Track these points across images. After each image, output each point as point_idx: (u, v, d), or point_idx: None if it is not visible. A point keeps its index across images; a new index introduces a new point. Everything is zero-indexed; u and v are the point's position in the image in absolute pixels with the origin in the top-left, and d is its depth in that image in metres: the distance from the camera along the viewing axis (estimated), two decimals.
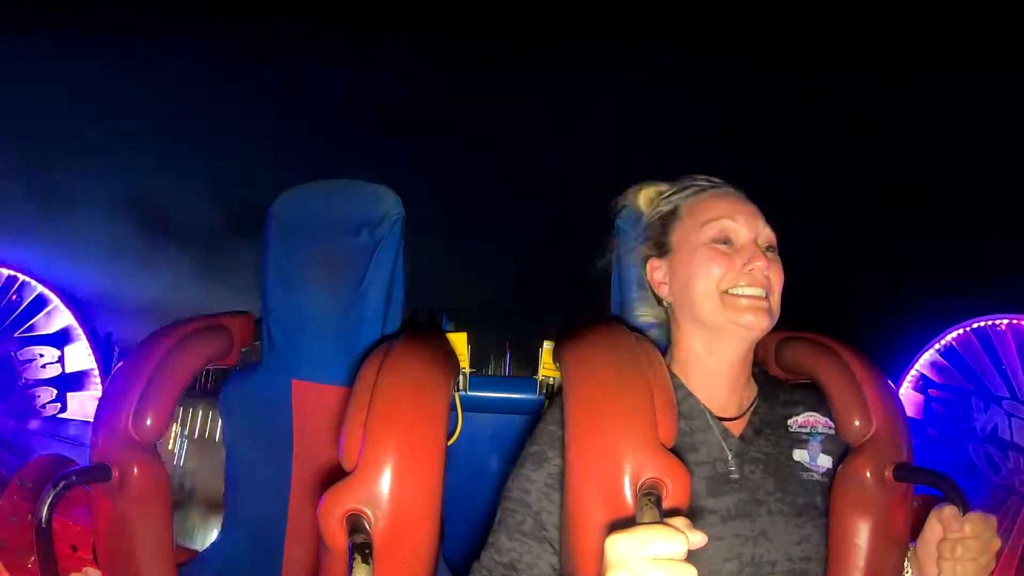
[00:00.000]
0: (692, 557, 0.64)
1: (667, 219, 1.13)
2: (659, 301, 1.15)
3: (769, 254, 1.05)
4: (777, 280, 1.04)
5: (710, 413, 1.05)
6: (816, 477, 1.05)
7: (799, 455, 1.06)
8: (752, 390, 1.10)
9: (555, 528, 0.98)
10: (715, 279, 1.03)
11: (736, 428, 1.06)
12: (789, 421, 1.09)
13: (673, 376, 1.08)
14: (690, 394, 1.07)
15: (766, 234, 1.07)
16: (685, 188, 1.14)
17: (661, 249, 1.13)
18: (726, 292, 1.03)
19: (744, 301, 1.02)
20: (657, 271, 1.13)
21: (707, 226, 1.06)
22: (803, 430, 1.08)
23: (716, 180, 1.14)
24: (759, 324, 1.02)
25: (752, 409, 1.08)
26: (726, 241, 1.05)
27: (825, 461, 1.06)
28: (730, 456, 1.03)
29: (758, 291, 1.02)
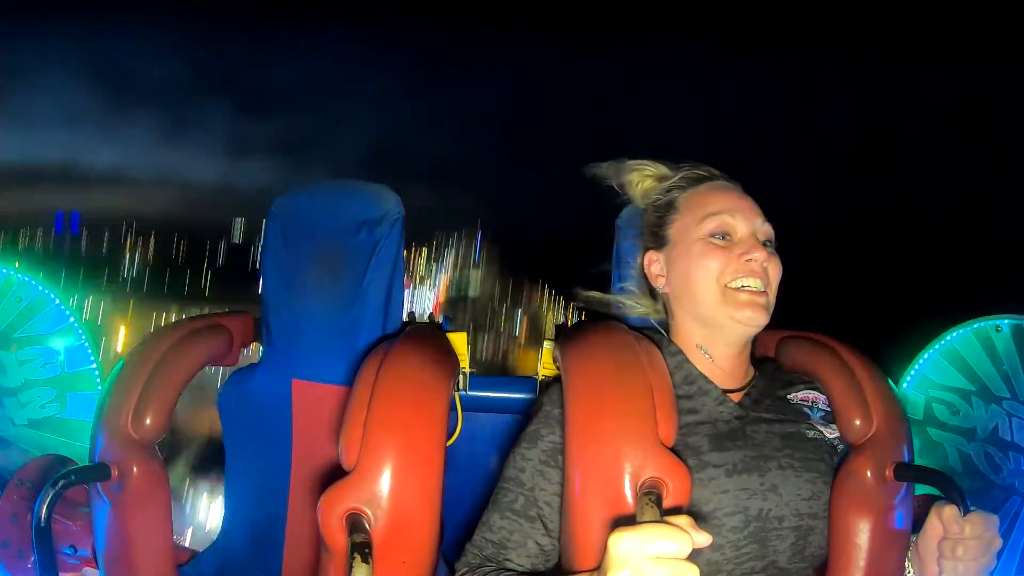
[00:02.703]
0: (696, 513, 0.64)
1: (664, 211, 1.13)
2: (653, 294, 1.15)
3: (767, 248, 1.06)
4: (775, 274, 1.05)
5: (708, 379, 1.06)
6: (824, 438, 1.06)
7: (806, 422, 1.07)
8: (751, 373, 1.12)
9: (548, 505, 0.98)
10: (714, 272, 1.04)
11: (735, 398, 1.07)
12: (789, 396, 1.10)
13: (670, 343, 1.10)
14: (688, 360, 1.07)
15: (764, 229, 1.07)
16: (683, 179, 1.14)
17: (658, 241, 1.13)
18: (726, 286, 1.03)
19: (743, 296, 1.02)
20: (654, 264, 1.13)
21: (706, 220, 1.06)
22: (804, 404, 1.09)
23: (714, 172, 1.14)
24: (756, 320, 1.02)
25: (751, 384, 1.10)
26: (724, 235, 1.05)
27: (831, 431, 1.07)
28: (731, 418, 1.03)
29: (757, 283, 1.03)
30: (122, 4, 42.32)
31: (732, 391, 1.07)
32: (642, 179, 1.18)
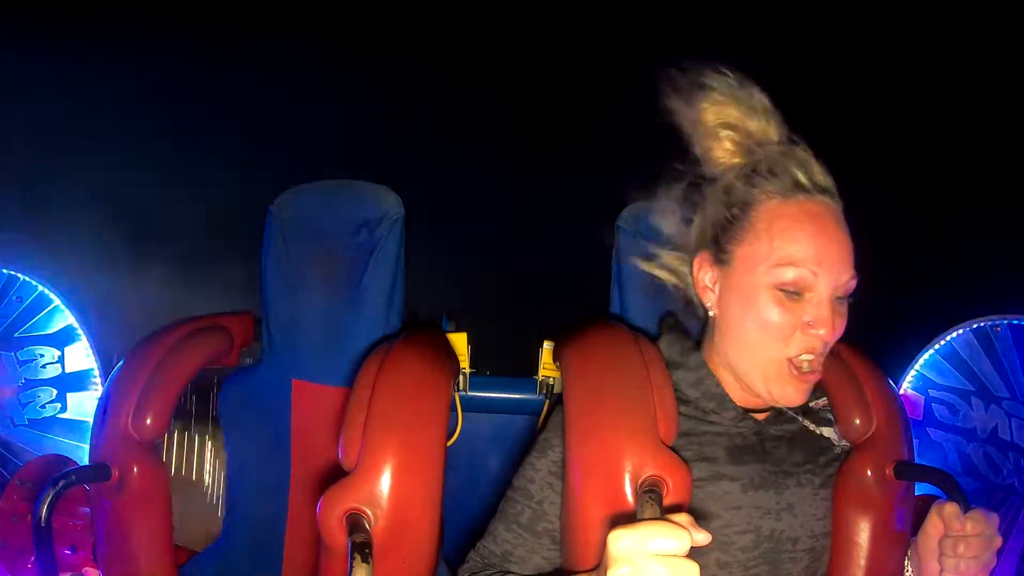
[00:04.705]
0: (703, 526, 0.64)
1: (737, 216, 0.93)
2: (699, 301, 1.01)
3: (840, 306, 0.90)
4: (837, 335, 0.91)
5: (730, 399, 0.99)
6: (847, 450, 1.03)
7: (827, 432, 1.02)
8: None
9: (557, 518, 0.96)
10: (770, 339, 0.90)
11: (758, 415, 1.01)
12: (810, 404, 1.04)
13: (694, 353, 1.01)
14: (711, 373, 0.99)
15: (846, 286, 0.89)
16: (775, 180, 0.91)
17: (717, 251, 0.95)
18: (776, 356, 0.90)
19: (791, 377, 0.90)
20: (706, 274, 0.97)
21: (781, 269, 0.88)
22: (827, 409, 1.05)
23: (818, 179, 0.91)
24: (795, 401, 0.92)
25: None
26: (797, 292, 0.88)
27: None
28: (750, 432, 0.98)
29: (811, 357, 0.90)
30: None
31: (756, 411, 1.00)
32: (720, 127, 0.94)
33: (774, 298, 0.89)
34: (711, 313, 0.99)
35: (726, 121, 0.95)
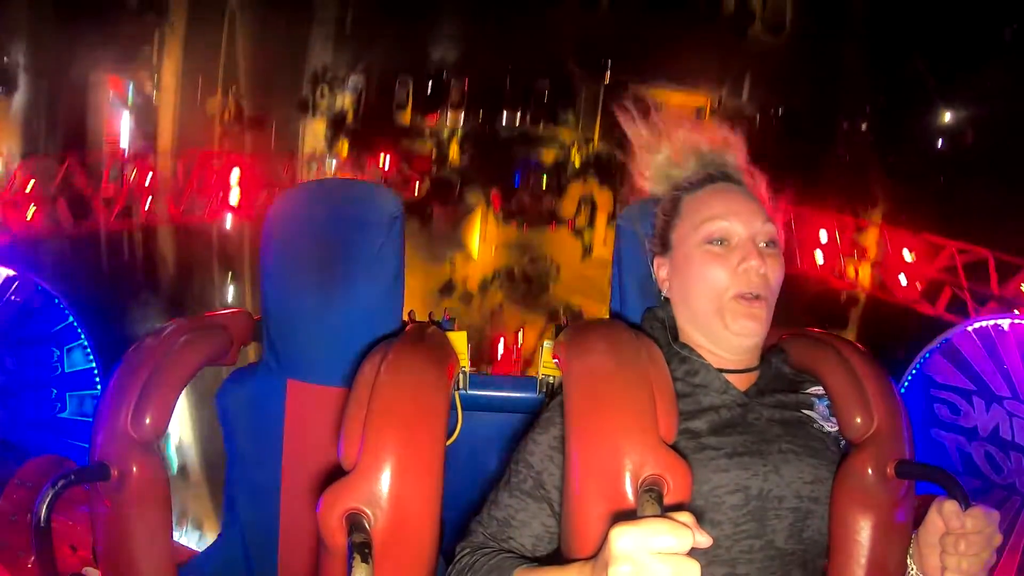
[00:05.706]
0: (695, 493, 0.64)
1: (669, 215, 1.13)
2: (662, 296, 1.15)
3: (768, 250, 1.05)
4: (775, 277, 1.04)
5: (711, 367, 1.06)
6: (828, 430, 1.07)
7: (809, 413, 1.07)
8: (757, 360, 1.11)
9: (556, 489, 0.99)
10: (711, 284, 1.04)
11: (741, 385, 1.07)
12: (800, 392, 1.09)
13: (675, 338, 1.10)
14: (693, 351, 1.07)
15: (765, 231, 1.05)
16: (688, 180, 1.13)
17: (664, 246, 1.13)
18: (721, 297, 1.03)
19: (739, 307, 1.02)
20: (661, 269, 1.14)
21: (704, 225, 1.06)
22: (816, 390, 1.09)
23: (715, 172, 1.12)
24: (751, 331, 1.03)
25: (757, 371, 1.09)
26: (721, 241, 1.05)
27: (832, 424, 1.07)
28: (733, 405, 1.04)
29: (754, 292, 1.03)
30: None
31: (738, 371, 1.07)
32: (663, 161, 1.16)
33: (707, 254, 1.05)
34: (668, 297, 1.13)
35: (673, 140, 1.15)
